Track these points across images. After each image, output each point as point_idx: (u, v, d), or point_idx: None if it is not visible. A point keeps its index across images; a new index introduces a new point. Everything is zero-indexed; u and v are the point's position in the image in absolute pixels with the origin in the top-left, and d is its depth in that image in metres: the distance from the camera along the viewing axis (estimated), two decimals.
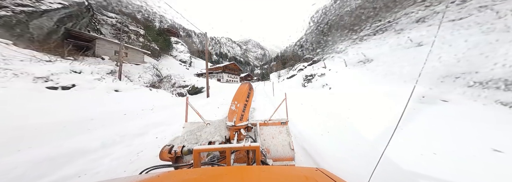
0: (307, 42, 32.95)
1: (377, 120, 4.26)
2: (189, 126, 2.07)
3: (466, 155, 2.50)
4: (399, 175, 2.13)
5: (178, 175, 0.79)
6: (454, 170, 2.18)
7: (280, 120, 2.13)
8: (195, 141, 1.58)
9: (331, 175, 0.71)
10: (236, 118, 1.66)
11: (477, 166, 2.25)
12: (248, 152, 1.42)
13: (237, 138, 1.61)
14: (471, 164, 2.30)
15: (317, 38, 27.75)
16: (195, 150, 1.00)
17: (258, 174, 0.77)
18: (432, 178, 2.05)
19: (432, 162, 2.40)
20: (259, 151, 1.09)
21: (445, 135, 3.21)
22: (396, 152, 2.52)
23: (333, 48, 20.78)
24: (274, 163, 1.74)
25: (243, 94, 1.83)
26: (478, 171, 2.16)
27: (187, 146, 1.41)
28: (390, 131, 3.12)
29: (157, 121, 4.79)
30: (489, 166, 2.23)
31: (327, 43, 23.60)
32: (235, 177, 0.71)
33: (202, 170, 0.88)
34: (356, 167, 2.36)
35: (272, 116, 2.17)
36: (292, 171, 0.89)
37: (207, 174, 0.77)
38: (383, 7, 16.75)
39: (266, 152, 1.69)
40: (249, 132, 1.88)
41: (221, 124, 1.78)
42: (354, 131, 3.79)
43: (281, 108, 2.32)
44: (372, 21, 16.73)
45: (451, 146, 2.80)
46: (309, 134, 3.79)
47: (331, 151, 2.89)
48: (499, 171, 2.14)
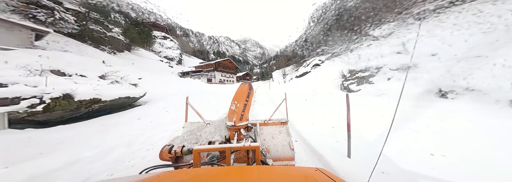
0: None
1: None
2: (189, 126, 2.08)
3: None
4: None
5: (178, 175, 0.79)
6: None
7: (280, 120, 2.14)
8: (195, 141, 1.58)
9: (330, 175, 0.71)
10: (236, 118, 1.66)
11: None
12: (248, 152, 1.42)
13: (237, 138, 1.62)
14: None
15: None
16: (195, 150, 1.00)
17: (258, 174, 0.77)
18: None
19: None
20: (259, 151, 1.09)
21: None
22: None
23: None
24: (274, 163, 1.74)
25: (243, 93, 1.83)
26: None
27: (187, 146, 1.42)
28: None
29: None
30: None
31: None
32: (235, 177, 0.71)
33: (202, 170, 0.89)
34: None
35: (272, 116, 2.18)
36: (292, 171, 0.89)
37: (207, 174, 0.77)
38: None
39: (266, 152, 1.70)
40: (249, 132, 1.88)
41: (221, 123, 1.78)
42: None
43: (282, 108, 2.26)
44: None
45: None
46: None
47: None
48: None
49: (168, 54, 38.59)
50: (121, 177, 0.74)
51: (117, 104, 6.59)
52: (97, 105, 5.57)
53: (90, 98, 5.25)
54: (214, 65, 39.90)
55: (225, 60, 46.06)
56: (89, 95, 5.25)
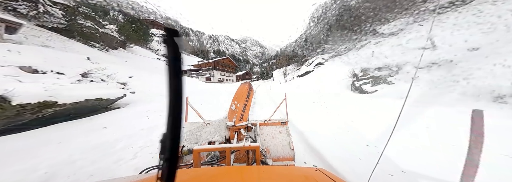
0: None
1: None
2: (189, 126, 2.06)
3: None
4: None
5: (178, 175, 0.66)
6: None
7: (280, 120, 2.13)
8: (195, 141, 1.57)
9: (330, 175, 0.71)
10: (236, 118, 1.66)
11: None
12: (248, 152, 1.41)
13: (237, 138, 1.61)
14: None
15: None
16: (195, 150, 1.02)
17: (257, 174, 0.77)
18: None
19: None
20: (259, 151, 1.10)
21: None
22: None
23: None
24: (274, 163, 1.73)
25: (243, 93, 1.82)
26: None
27: (187, 146, 1.42)
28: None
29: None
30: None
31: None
32: (235, 177, 0.71)
33: (202, 170, 0.89)
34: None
35: (272, 116, 2.17)
36: (292, 171, 0.89)
37: (207, 174, 0.78)
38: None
39: (266, 152, 1.70)
40: (249, 132, 1.87)
41: (221, 124, 1.78)
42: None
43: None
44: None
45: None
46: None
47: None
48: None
49: (167, 53, 38.07)
50: (121, 177, 0.73)
51: (85, 107, 5.33)
52: (51, 109, 4.31)
53: (38, 100, 3.98)
54: (213, 64, 38.45)
55: (224, 59, 44.50)
56: (37, 97, 3.99)
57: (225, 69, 43.01)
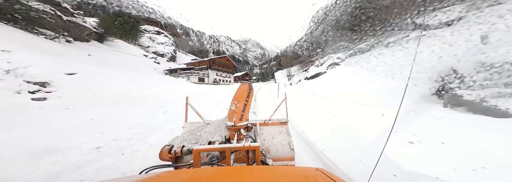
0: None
1: None
2: (189, 126, 2.05)
3: None
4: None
5: (178, 175, 0.77)
6: None
7: (280, 120, 2.12)
8: (195, 141, 1.56)
9: (330, 175, 0.70)
10: (236, 118, 1.63)
11: None
12: (248, 152, 1.40)
13: (237, 138, 1.60)
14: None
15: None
16: (195, 150, 1.00)
17: (257, 174, 0.77)
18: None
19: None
20: (259, 151, 1.08)
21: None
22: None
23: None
24: (274, 163, 1.73)
25: (243, 93, 1.78)
26: None
27: (187, 146, 1.42)
28: None
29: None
30: None
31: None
32: (235, 177, 0.71)
33: (202, 170, 0.88)
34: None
35: (272, 116, 2.16)
36: (292, 171, 0.88)
37: (207, 174, 0.77)
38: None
39: (266, 152, 1.69)
40: (249, 132, 1.86)
41: (221, 124, 1.76)
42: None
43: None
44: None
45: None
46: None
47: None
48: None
49: (159, 50, 34.85)
50: (121, 177, 0.72)
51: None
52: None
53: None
54: (208, 63, 34.19)
55: (221, 58, 40.04)
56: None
57: (222, 69, 38.92)
